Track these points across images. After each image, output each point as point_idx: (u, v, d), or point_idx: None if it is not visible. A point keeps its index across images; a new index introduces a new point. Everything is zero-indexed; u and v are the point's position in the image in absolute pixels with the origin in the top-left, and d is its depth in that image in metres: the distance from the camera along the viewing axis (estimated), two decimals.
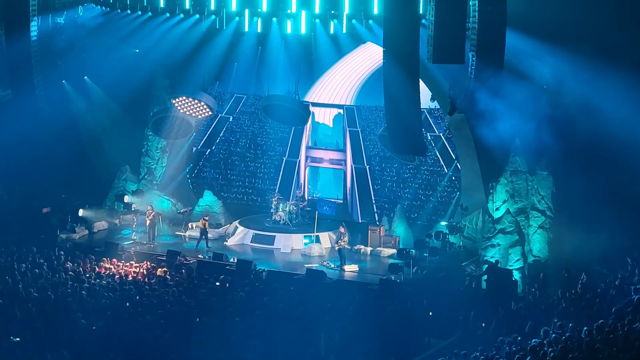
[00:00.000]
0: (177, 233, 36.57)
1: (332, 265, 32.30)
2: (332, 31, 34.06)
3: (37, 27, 31.09)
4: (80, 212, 36.07)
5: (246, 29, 34.69)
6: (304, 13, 33.32)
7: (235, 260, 31.54)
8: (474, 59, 26.79)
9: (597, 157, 29.71)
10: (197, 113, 37.11)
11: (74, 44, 36.41)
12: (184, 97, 36.36)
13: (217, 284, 27.67)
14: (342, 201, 39.89)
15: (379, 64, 33.02)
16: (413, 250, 32.33)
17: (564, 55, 28.90)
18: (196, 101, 36.48)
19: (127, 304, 23.96)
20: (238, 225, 36.33)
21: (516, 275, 30.51)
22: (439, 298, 27.08)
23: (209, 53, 36.56)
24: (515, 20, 27.07)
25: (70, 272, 26.99)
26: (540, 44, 28.86)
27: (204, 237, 34.35)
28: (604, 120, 28.72)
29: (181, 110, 36.80)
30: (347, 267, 32.18)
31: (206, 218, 35.10)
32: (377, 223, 36.71)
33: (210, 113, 37.46)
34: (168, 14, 34.43)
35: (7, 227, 32.73)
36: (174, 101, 36.55)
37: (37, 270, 26.86)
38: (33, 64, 31.44)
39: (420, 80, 30.52)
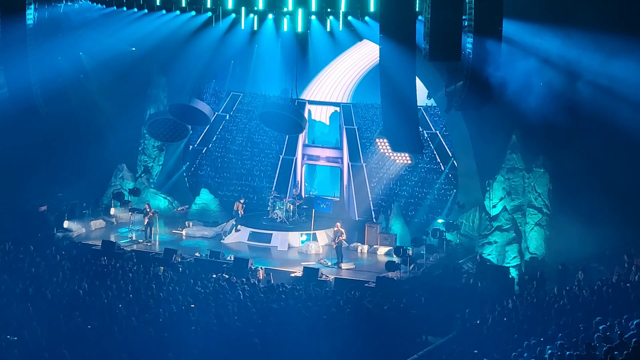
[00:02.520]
0: (174, 231, 36.59)
1: (329, 263, 32.34)
2: (328, 29, 34.04)
3: (33, 15, 30.95)
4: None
5: (242, 27, 34.65)
6: (300, 11, 33.27)
7: (232, 258, 31.55)
8: (470, 56, 26.76)
9: (594, 154, 29.71)
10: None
11: (70, 42, 36.41)
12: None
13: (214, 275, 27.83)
14: (338, 199, 39.88)
15: (376, 61, 33.02)
16: (410, 248, 32.32)
17: (561, 48, 28.80)
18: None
19: (122, 304, 23.93)
20: (235, 223, 36.33)
21: (513, 273, 30.53)
22: (435, 295, 27.09)
23: (206, 51, 36.58)
24: (513, 5, 27.01)
25: (67, 271, 26.96)
26: (539, 33, 28.75)
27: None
28: (602, 118, 28.77)
29: None
30: (344, 265, 32.23)
31: (242, 201, 35.82)
32: (374, 221, 36.73)
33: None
34: (164, 11, 34.38)
35: (4, 226, 32.71)
36: None
37: (34, 269, 26.83)
38: (29, 63, 31.35)
39: (416, 77, 30.55)
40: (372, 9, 31.29)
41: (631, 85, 27.79)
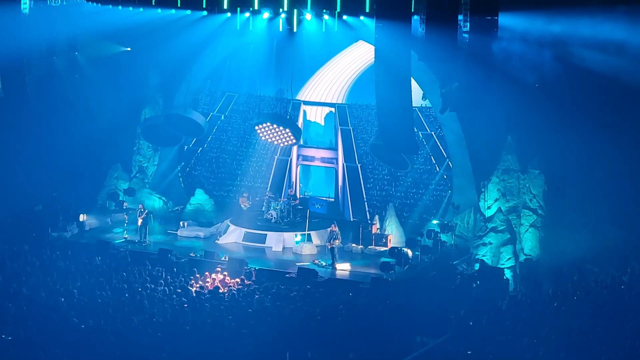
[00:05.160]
0: (168, 231, 36.52)
1: (324, 264, 32.29)
2: (324, 29, 34.02)
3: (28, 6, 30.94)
4: (82, 218, 36.00)
5: (238, 27, 34.64)
6: (295, 11, 33.26)
7: (227, 259, 31.52)
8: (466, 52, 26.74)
9: (590, 155, 29.73)
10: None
11: (64, 41, 36.41)
12: None
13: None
14: (333, 200, 39.87)
15: (371, 62, 33.08)
16: (404, 249, 32.32)
17: (562, 44, 28.73)
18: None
19: (117, 304, 23.92)
20: (230, 223, 36.29)
21: (507, 274, 30.53)
22: (430, 296, 27.09)
23: (201, 51, 36.58)
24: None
25: (61, 271, 26.94)
26: (537, 25, 28.64)
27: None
28: (599, 119, 28.82)
29: None
30: (338, 266, 32.17)
31: (245, 195, 36.54)
32: (369, 221, 36.69)
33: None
34: (159, 10, 34.33)
35: None
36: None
37: (29, 269, 26.80)
38: (25, 62, 31.33)
39: (412, 78, 30.60)
40: (367, 9, 31.32)
41: (631, 86, 27.82)
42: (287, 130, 35.86)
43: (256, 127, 36.66)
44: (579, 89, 29.03)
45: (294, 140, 36.76)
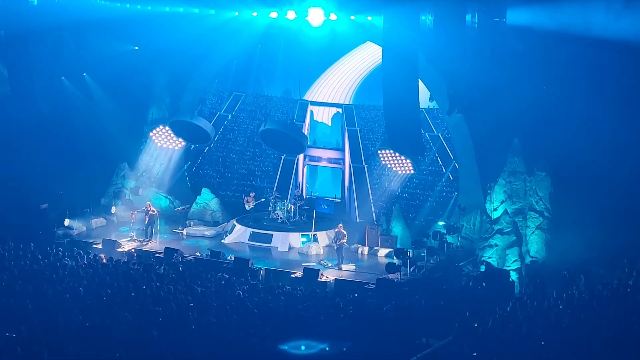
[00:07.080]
0: (174, 230, 36.56)
1: (330, 264, 32.30)
2: (331, 30, 34.03)
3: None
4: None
5: (245, 27, 34.69)
6: (303, 11, 33.28)
7: (233, 259, 31.53)
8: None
9: (596, 157, 29.66)
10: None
11: (73, 40, 36.46)
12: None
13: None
14: (340, 200, 39.88)
15: (378, 63, 33.08)
16: (410, 250, 32.29)
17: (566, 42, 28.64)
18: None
19: (123, 303, 23.90)
20: (236, 223, 36.33)
21: (513, 276, 30.49)
22: (435, 298, 27.05)
23: (208, 50, 36.61)
24: None
25: (67, 269, 26.93)
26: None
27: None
28: (605, 122, 28.74)
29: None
30: (344, 266, 32.20)
31: (252, 195, 36.92)
32: (375, 222, 36.70)
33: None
34: (167, 9, 34.37)
35: (5, 223, 32.68)
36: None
37: (35, 266, 26.81)
38: (32, 61, 31.34)
39: (419, 79, 30.59)
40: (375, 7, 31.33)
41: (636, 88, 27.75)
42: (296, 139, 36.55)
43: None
44: (586, 90, 28.96)
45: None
